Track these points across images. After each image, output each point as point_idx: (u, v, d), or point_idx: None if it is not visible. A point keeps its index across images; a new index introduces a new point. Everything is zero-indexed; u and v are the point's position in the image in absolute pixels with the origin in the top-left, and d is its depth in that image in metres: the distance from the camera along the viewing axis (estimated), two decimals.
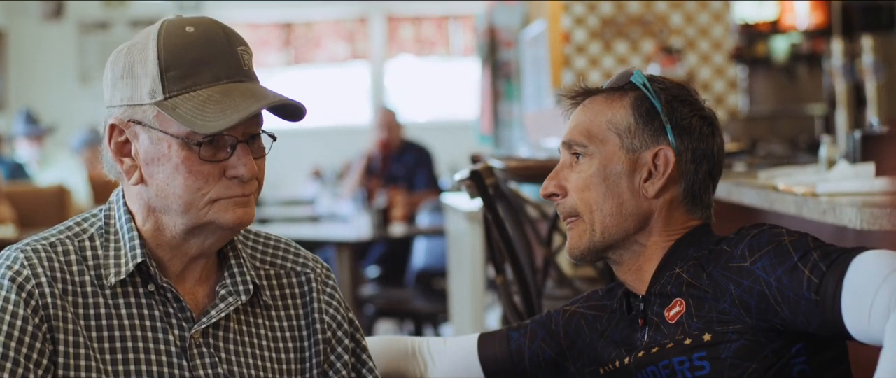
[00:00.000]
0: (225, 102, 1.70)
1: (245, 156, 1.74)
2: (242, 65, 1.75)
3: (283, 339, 1.86)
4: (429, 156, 7.82)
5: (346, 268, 6.53)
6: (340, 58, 12.78)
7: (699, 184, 2.00)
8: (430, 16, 12.73)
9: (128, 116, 1.74)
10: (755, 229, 1.90)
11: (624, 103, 2.00)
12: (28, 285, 1.70)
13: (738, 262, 1.86)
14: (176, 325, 1.77)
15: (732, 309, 1.86)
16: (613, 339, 2.06)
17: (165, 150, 1.72)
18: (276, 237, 1.95)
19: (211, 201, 1.74)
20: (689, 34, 6.90)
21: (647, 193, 1.98)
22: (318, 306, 1.89)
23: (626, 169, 1.98)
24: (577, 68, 6.83)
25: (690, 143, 1.98)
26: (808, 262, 1.78)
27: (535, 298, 3.08)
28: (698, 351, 1.88)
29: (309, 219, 9.09)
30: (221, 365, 1.78)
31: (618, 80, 2.03)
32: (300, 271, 1.92)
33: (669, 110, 1.98)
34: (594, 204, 1.98)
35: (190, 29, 1.74)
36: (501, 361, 2.18)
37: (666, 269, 1.98)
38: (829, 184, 2.67)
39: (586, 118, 2.01)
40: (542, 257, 3.49)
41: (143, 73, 1.72)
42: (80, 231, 1.80)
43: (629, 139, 1.98)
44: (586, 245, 2.00)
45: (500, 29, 8.04)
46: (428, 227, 7.01)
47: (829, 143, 3.45)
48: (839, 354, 1.90)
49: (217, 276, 1.84)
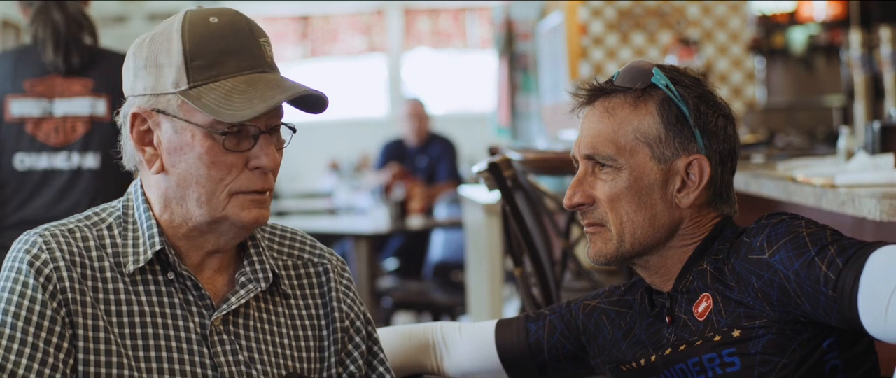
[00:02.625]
0: (251, 92, 1.71)
1: (267, 146, 1.75)
2: (265, 56, 1.76)
3: (303, 327, 1.87)
4: (453, 148, 7.80)
5: (364, 260, 6.54)
6: (357, 51, 12.79)
7: (725, 183, 1.98)
8: (447, 8, 12.73)
9: (151, 105, 1.74)
10: (774, 219, 1.87)
11: (649, 109, 1.93)
12: (46, 269, 1.71)
13: (758, 254, 1.84)
14: (196, 312, 1.78)
15: (756, 302, 1.84)
16: (638, 337, 2.03)
17: (189, 139, 1.73)
18: (292, 230, 1.96)
19: (231, 194, 1.74)
20: (707, 25, 6.88)
21: (682, 203, 1.94)
22: (337, 296, 1.91)
23: (659, 180, 1.93)
24: (594, 60, 6.82)
25: (717, 145, 1.95)
26: (825, 257, 1.76)
27: (554, 290, 3.07)
28: (728, 347, 1.86)
29: (327, 211, 9.10)
30: (242, 352, 1.79)
31: (634, 78, 1.96)
32: (318, 262, 1.93)
33: (697, 114, 1.93)
34: (625, 216, 1.93)
35: (214, 19, 1.74)
36: (520, 354, 2.17)
37: (693, 265, 1.95)
38: (847, 175, 2.66)
39: (610, 128, 1.94)
40: (560, 249, 3.49)
41: (167, 62, 1.73)
42: (99, 220, 1.81)
43: (660, 149, 1.92)
44: (613, 253, 1.96)
45: (517, 21, 8.04)
46: (446, 220, 7.01)
47: (847, 134, 3.44)
48: (867, 347, 1.88)
49: (236, 265, 1.85)
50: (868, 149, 3.12)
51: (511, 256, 3.00)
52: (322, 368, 1.87)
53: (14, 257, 1.74)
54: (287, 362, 1.83)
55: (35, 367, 1.67)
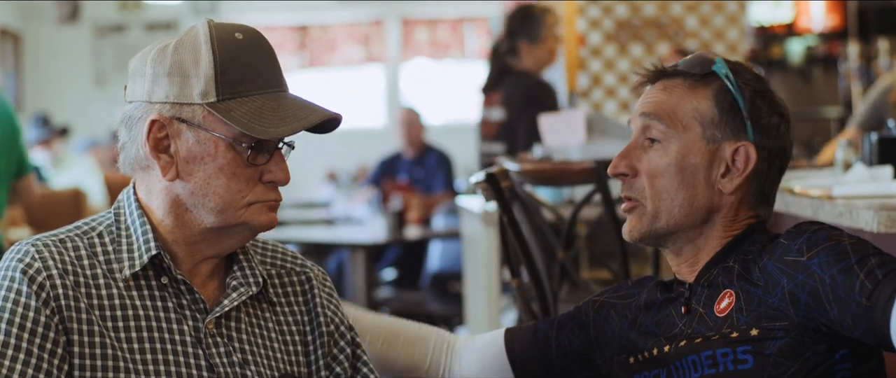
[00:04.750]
0: (282, 111, 1.77)
1: (282, 162, 1.82)
2: (283, 76, 1.83)
3: (290, 333, 1.92)
4: (448, 160, 7.83)
5: (361, 270, 6.54)
6: (355, 61, 12.79)
7: (770, 182, 1.99)
8: (445, 18, 12.74)
9: (173, 114, 1.77)
10: (815, 226, 1.87)
11: (707, 94, 1.96)
12: (39, 277, 1.74)
13: (795, 256, 1.83)
14: (190, 316, 1.81)
15: (781, 304, 1.84)
16: (647, 327, 2.04)
17: (211, 149, 1.77)
18: (273, 242, 2.02)
19: (248, 204, 1.80)
20: (705, 37, 6.89)
21: (725, 189, 1.95)
22: (320, 301, 1.96)
23: (705, 161, 1.95)
24: (592, 71, 6.83)
25: (768, 141, 1.96)
26: (864, 266, 1.76)
27: (551, 301, 3.07)
28: (744, 345, 1.86)
29: (324, 221, 9.10)
30: (236, 353, 1.83)
31: (697, 65, 1.99)
32: (300, 271, 1.99)
33: (751, 107, 1.95)
34: (665, 193, 1.95)
35: (239, 36, 1.80)
36: (528, 353, 2.18)
37: (719, 261, 1.96)
38: (845, 187, 2.66)
39: (671, 99, 1.98)
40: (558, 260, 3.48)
41: (194, 73, 1.76)
42: (89, 229, 1.84)
43: (711, 130, 1.95)
44: (647, 229, 1.98)
45: None
46: (443, 230, 7.01)
47: (845, 145, 3.44)
48: (878, 363, 1.89)
49: (225, 272, 1.89)
50: (866, 160, 3.12)
51: (508, 267, 3.00)
52: (311, 372, 1.92)
53: (7, 266, 1.76)
54: (278, 365, 1.87)
55: (29, 373, 1.69)
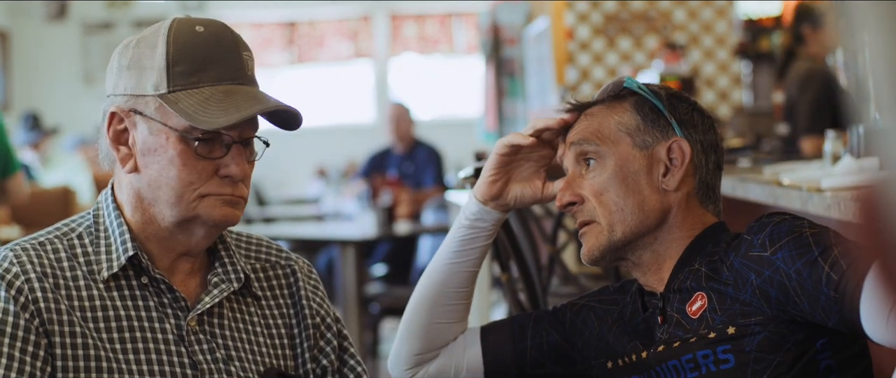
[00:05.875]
0: (227, 102, 1.75)
1: (238, 157, 1.80)
2: (246, 69, 1.81)
3: (276, 326, 1.93)
4: (438, 155, 7.82)
5: (352, 266, 6.53)
6: (344, 56, 12.79)
7: (710, 175, 2.02)
8: (434, 14, 12.74)
9: (129, 106, 1.79)
10: (776, 218, 1.88)
11: (626, 106, 2.02)
12: (17, 282, 1.75)
13: (759, 251, 1.85)
14: (171, 314, 1.82)
15: (753, 299, 1.85)
16: (627, 332, 2.05)
17: (163, 141, 1.77)
18: (258, 236, 2.03)
19: (200, 196, 1.79)
20: (693, 30, 6.90)
21: (669, 187, 1.98)
22: (306, 294, 1.97)
23: (643, 166, 1.98)
24: (580, 65, 6.83)
25: (696, 135, 2.00)
26: (828, 258, 1.77)
27: (541, 296, 3.08)
28: (723, 344, 1.87)
29: (313, 217, 9.09)
30: (220, 350, 1.83)
31: (609, 89, 2.05)
32: (285, 264, 1.99)
33: (671, 106, 2.00)
34: (614, 205, 1.98)
35: (200, 29, 1.79)
36: (502, 346, 2.18)
37: (685, 265, 1.97)
38: (833, 178, 2.67)
39: (594, 122, 2.03)
40: (547, 254, 3.49)
41: (150, 65, 1.78)
42: (69, 231, 1.85)
43: (640, 137, 1.99)
44: (606, 244, 1.99)
45: (503, 26, 8.04)
46: (433, 225, 7.01)
47: (833, 138, 3.45)
48: (862, 349, 1.89)
49: (207, 269, 1.90)
50: (854, 153, 3.13)
51: (498, 262, 3.00)
52: (297, 365, 1.93)
53: None
54: (263, 359, 1.88)
55: (12, 377, 1.69)
